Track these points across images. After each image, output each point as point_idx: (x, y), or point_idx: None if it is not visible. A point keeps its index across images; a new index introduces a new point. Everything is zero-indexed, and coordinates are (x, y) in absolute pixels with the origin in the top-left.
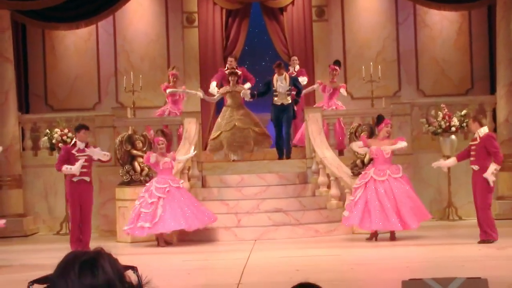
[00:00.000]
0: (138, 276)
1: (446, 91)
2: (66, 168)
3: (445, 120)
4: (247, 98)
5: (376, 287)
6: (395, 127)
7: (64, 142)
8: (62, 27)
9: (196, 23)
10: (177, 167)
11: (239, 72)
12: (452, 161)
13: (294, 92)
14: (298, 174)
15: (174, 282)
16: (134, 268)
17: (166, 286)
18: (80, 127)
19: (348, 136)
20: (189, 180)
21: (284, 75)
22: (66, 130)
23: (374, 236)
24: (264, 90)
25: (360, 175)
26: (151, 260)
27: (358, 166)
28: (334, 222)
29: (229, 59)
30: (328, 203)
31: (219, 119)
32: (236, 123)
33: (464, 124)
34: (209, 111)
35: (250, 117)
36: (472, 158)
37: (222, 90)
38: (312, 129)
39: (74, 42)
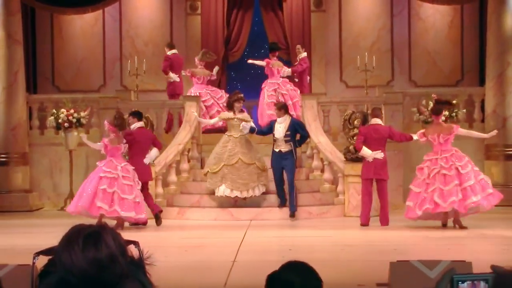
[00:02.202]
0: (139, 250)
1: (437, 81)
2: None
3: None
4: (246, 131)
5: (365, 267)
6: (388, 116)
7: (70, 122)
8: (69, 11)
9: (199, 11)
10: (178, 149)
11: (243, 99)
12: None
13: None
14: None
15: (172, 258)
16: (135, 243)
17: (164, 261)
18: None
19: (342, 123)
20: (188, 161)
21: (285, 117)
22: (72, 111)
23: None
24: (265, 131)
25: None
26: (150, 237)
27: (351, 152)
28: (327, 205)
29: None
30: (321, 187)
31: (218, 149)
32: (240, 157)
33: (454, 114)
34: None
35: (254, 150)
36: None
37: (223, 115)
38: (307, 115)
39: (81, 26)
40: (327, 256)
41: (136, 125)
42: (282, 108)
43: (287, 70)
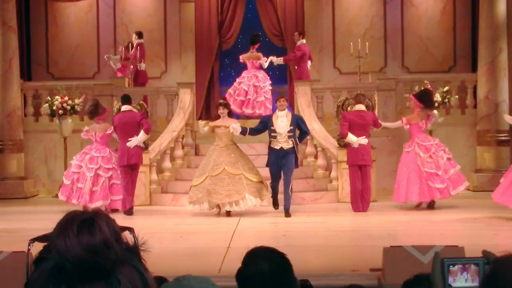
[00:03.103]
0: (134, 237)
1: (429, 68)
2: None
3: None
4: (237, 132)
5: (359, 253)
6: (381, 102)
7: (64, 109)
8: None
9: None
10: (172, 136)
11: (230, 105)
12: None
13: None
14: None
15: (167, 244)
16: (130, 229)
17: (159, 247)
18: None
19: (336, 109)
20: (183, 148)
21: (286, 111)
22: (66, 98)
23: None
24: (259, 128)
25: None
26: (145, 223)
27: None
28: (320, 190)
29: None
30: (315, 173)
31: (204, 161)
32: (225, 167)
33: (446, 100)
34: (204, 82)
35: (244, 159)
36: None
37: (212, 124)
38: (301, 102)
39: (75, 13)
40: (321, 242)
41: (121, 109)
42: (282, 99)
43: (275, 60)
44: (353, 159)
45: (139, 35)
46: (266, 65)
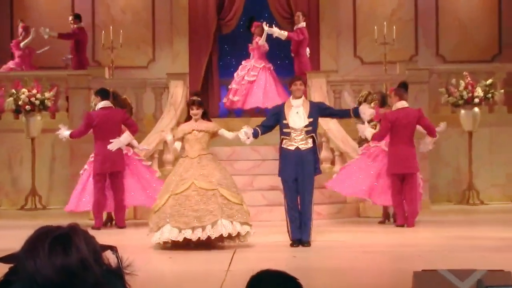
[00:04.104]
0: (117, 257)
1: (469, 56)
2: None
3: (467, 90)
4: (249, 141)
5: (384, 278)
6: (411, 97)
7: (32, 104)
8: None
9: None
10: (161, 136)
11: (200, 103)
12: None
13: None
14: None
15: (155, 266)
16: (113, 249)
17: (145, 270)
18: None
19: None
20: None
21: (303, 99)
22: (34, 91)
23: (386, 219)
24: (270, 123)
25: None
26: (129, 240)
27: (368, 141)
28: (338, 203)
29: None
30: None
31: (168, 178)
32: (194, 181)
33: (490, 95)
34: (199, 72)
35: (222, 173)
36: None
37: (179, 131)
38: (315, 97)
39: None
40: (340, 264)
41: (99, 105)
42: (298, 82)
43: (276, 31)
44: (394, 167)
45: (77, 17)
46: (263, 40)
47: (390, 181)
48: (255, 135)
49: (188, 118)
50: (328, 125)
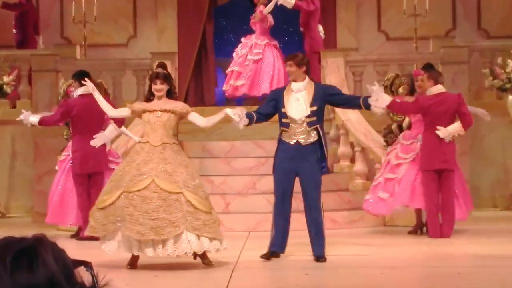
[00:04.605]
0: (92, 274)
1: None
2: None
3: None
4: (241, 124)
5: None
6: (447, 80)
7: None
8: None
9: None
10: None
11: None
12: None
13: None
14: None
15: (137, 286)
16: (87, 264)
17: None
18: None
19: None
20: None
21: (305, 82)
22: None
23: (419, 228)
24: (267, 110)
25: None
26: (107, 255)
27: (394, 133)
28: (359, 209)
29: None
30: (351, 183)
31: (120, 168)
32: (155, 179)
33: None
34: (191, 51)
35: (188, 170)
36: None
37: (137, 105)
38: (331, 80)
39: None
40: (361, 283)
41: (77, 91)
42: (301, 63)
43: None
44: (428, 161)
45: None
46: (269, 9)
47: (422, 179)
48: (250, 118)
49: (149, 96)
50: (347, 115)
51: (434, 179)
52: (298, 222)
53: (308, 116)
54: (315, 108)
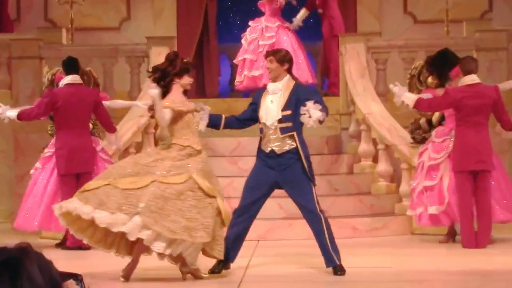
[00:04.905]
0: None
1: None
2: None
3: None
4: (202, 126)
5: None
6: (483, 68)
7: None
8: None
9: None
10: (139, 124)
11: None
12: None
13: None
14: (327, 138)
15: None
16: (77, 277)
17: None
18: None
19: (408, 81)
20: (156, 144)
21: (284, 81)
22: None
23: (451, 237)
24: (247, 117)
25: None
26: (98, 266)
27: (423, 129)
28: (383, 215)
29: None
30: (373, 185)
31: (126, 161)
32: (158, 179)
33: None
34: (192, 36)
35: (204, 171)
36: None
37: (178, 106)
38: (350, 68)
39: None
40: None
41: (64, 80)
42: (283, 59)
43: None
44: (461, 162)
45: None
46: None
47: (456, 182)
48: (214, 120)
49: (169, 91)
50: (369, 107)
51: (468, 182)
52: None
53: (280, 121)
54: (288, 112)
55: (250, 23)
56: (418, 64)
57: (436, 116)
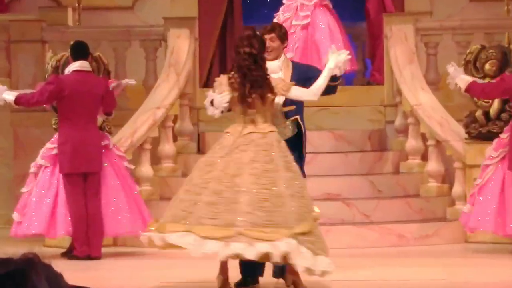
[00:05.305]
0: None
1: None
2: None
3: None
4: (215, 110)
5: None
6: None
7: None
8: None
9: None
10: (155, 116)
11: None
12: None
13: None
14: (370, 133)
15: None
16: None
17: None
18: None
19: (463, 67)
20: (175, 140)
21: (281, 60)
22: None
23: None
24: None
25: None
26: (107, 278)
27: (479, 122)
28: (434, 220)
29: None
30: (422, 187)
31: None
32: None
33: None
34: (215, 16)
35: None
36: None
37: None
38: (396, 53)
39: None
40: None
41: (71, 66)
42: (285, 37)
43: None
44: None
45: None
46: None
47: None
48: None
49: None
50: (418, 98)
51: None
52: (353, 235)
53: (285, 104)
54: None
55: (284, 0)
56: (474, 48)
57: (494, 108)
